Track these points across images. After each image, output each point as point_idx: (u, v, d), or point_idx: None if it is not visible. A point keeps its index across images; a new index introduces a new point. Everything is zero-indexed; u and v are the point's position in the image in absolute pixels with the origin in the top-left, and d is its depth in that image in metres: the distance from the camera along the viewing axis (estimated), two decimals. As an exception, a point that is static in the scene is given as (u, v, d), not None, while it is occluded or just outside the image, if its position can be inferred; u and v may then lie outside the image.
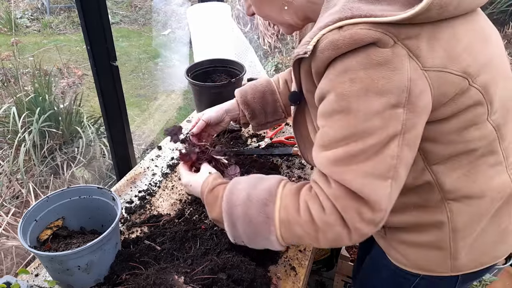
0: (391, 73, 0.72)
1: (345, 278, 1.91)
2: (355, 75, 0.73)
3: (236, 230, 0.93)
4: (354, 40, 0.71)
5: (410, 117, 0.74)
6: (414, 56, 0.73)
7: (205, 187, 1.02)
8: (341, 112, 0.76)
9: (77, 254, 0.98)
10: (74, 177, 2.63)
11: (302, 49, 0.78)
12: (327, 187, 0.79)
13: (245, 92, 1.32)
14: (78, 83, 4.07)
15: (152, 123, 3.72)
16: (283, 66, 4.69)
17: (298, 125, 1.06)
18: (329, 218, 0.78)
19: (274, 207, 0.86)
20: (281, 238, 0.88)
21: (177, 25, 5.50)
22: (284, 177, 0.94)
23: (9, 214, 2.23)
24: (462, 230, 0.92)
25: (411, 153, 0.78)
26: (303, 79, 0.88)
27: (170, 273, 1.00)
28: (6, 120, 2.86)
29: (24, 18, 5.91)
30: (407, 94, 0.73)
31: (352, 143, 0.75)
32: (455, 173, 0.87)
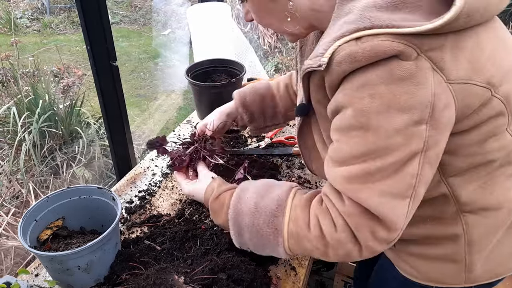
0: (415, 88, 0.67)
1: (345, 278, 1.91)
2: (375, 91, 0.68)
3: (242, 238, 0.91)
4: (376, 53, 0.66)
5: (433, 134, 0.70)
6: (438, 69, 0.68)
7: (209, 195, 0.99)
8: (360, 128, 0.72)
9: (77, 254, 0.97)
10: (74, 177, 2.63)
11: (315, 62, 0.73)
12: (340, 203, 0.76)
13: (244, 94, 1.29)
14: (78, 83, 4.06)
15: (152, 123, 3.72)
16: (283, 66, 4.69)
17: (304, 135, 1.01)
18: (341, 236, 0.76)
19: (283, 219, 0.84)
20: (289, 249, 0.86)
21: (177, 25, 5.50)
22: (294, 184, 0.91)
23: (9, 214, 2.23)
24: (478, 242, 0.88)
25: (431, 170, 0.75)
26: (313, 91, 0.83)
27: (170, 273, 1.00)
28: (6, 120, 2.86)
29: (24, 18, 5.91)
30: (430, 109, 0.69)
31: (370, 161, 0.72)
32: (471, 185, 0.84)
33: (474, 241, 0.88)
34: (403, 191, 0.72)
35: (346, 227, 0.76)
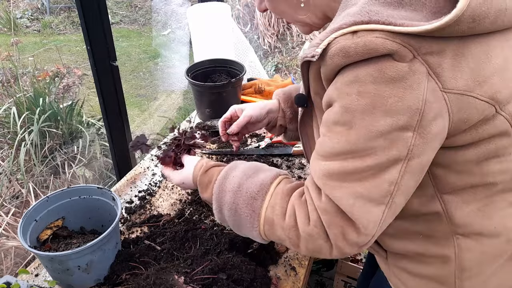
0: (404, 92, 0.64)
1: (345, 278, 1.91)
2: (363, 88, 0.66)
3: (222, 215, 0.91)
4: (368, 50, 0.63)
5: (419, 143, 0.67)
6: (434, 75, 0.64)
7: (198, 170, 0.98)
8: (343, 125, 0.70)
9: (77, 254, 0.97)
10: (74, 177, 2.63)
11: (310, 52, 0.71)
12: (317, 198, 0.75)
13: (289, 90, 1.20)
14: (78, 83, 4.07)
15: (152, 123, 3.73)
16: (283, 66, 4.69)
17: (305, 127, 0.99)
18: (313, 231, 0.75)
19: (262, 203, 0.84)
20: (264, 234, 0.86)
21: (177, 25, 5.50)
22: (282, 172, 0.90)
23: (9, 214, 2.22)
24: (469, 269, 0.83)
25: (413, 181, 0.71)
26: (312, 82, 0.81)
27: (170, 273, 1.00)
28: (6, 120, 2.86)
29: (24, 18, 5.92)
30: (419, 117, 0.65)
31: (350, 159, 0.70)
32: (468, 207, 0.79)
33: (465, 267, 0.83)
34: (379, 197, 0.70)
35: (319, 223, 0.75)
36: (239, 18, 5.08)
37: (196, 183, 0.99)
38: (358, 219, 0.70)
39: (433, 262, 0.86)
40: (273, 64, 4.75)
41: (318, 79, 0.78)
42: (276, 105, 1.18)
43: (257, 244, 1.15)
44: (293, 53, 4.92)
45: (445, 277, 0.85)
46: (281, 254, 1.18)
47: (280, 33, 5.08)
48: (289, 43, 5.02)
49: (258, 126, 1.20)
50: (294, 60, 4.73)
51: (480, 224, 0.80)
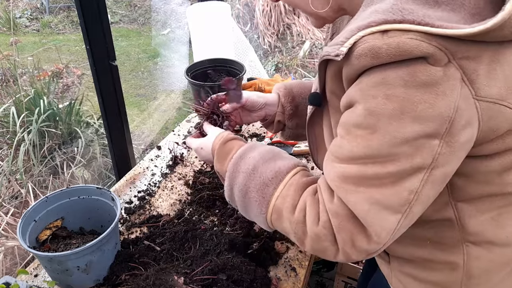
0: (436, 98, 0.60)
1: (346, 278, 1.91)
2: (391, 91, 0.61)
3: (232, 194, 0.88)
4: (400, 52, 0.59)
5: (445, 152, 0.63)
6: (468, 81, 0.61)
7: (218, 140, 0.94)
8: (366, 128, 0.66)
9: (76, 254, 0.97)
10: (73, 177, 2.63)
11: (333, 50, 0.67)
12: (328, 200, 0.72)
13: (290, 86, 1.15)
14: (78, 83, 4.06)
15: (151, 123, 3.72)
16: (283, 65, 4.69)
17: (313, 127, 0.95)
18: (321, 231, 0.72)
19: (274, 191, 0.80)
20: (271, 223, 0.83)
21: (176, 25, 5.50)
22: (301, 163, 0.86)
23: (8, 214, 2.22)
24: (477, 277, 0.82)
25: (434, 191, 0.68)
26: (329, 81, 0.77)
27: (169, 273, 0.99)
28: (5, 120, 2.86)
29: (23, 18, 5.91)
30: (448, 125, 0.61)
31: (370, 164, 0.66)
32: (482, 215, 0.77)
33: (473, 275, 0.82)
34: (396, 205, 0.67)
35: (328, 225, 0.72)
36: (239, 17, 5.08)
37: (214, 153, 0.95)
38: (371, 226, 0.67)
39: (439, 269, 0.84)
40: (273, 63, 4.75)
41: (337, 78, 0.74)
42: (275, 99, 1.13)
43: (257, 244, 1.15)
44: (293, 53, 4.92)
45: (451, 283, 0.84)
46: (281, 255, 1.18)
47: (280, 33, 5.07)
48: (289, 42, 5.02)
49: (253, 116, 1.14)
50: (294, 59, 4.73)
51: (492, 233, 0.79)
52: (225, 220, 1.29)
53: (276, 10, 5.01)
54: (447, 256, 0.82)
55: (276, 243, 1.20)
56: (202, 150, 0.99)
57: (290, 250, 1.20)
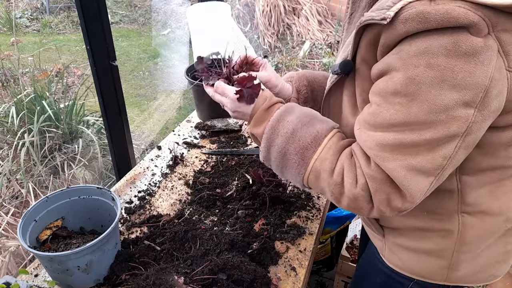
0: (475, 67, 0.63)
1: (345, 278, 1.91)
2: (434, 60, 0.64)
3: (269, 154, 0.90)
4: (448, 18, 0.62)
5: (478, 120, 0.68)
6: (504, 53, 0.65)
7: (261, 103, 0.93)
8: (406, 96, 0.68)
9: (76, 254, 0.97)
10: (73, 177, 2.63)
11: (378, 14, 0.68)
12: (365, 165, 0.76)
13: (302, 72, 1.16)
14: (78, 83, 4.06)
15: (151, 123, 3.72)
16: (283, 65, 4.69)
17: (330, 95, 0.97)
18: (358, 193, 0.76)
19: (313, 154, 0.83)
20: (307, 182, 0.86)
21: (176, 25, 5.50)
22: (336, 125, 0.88)
23: (9, 214, 2.22)
24: (469, 243, 0.88)
25: (464, 155, 0.73)
26: (363, 47, 0.79)
27: (170, 273, 1.00)
28: (5, 120, 2.86)
29: (23, 18, 5.91)
30: (483, 94, 0.65)
31: (407, 132, 0.69)
32: (482, 188, 0.82)
33: (465, 242, 0.87)
34: (431, 170, 0.71)
35: (366, 187, 0.76)
36: (239, 17, 5.08)
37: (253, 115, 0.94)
38: (407, 189, 0.72)
39: (433, 237, 0.89)
40: (273, 63, 4.75)
41: (372, 45, 0.76)
42: (288, 87, 1.13)
43: (257, 244, 1.15)
44: (293, 53, 4.92)
45: (444, 250, 0.89)
46: (281, 255, 1.18)
47: (280, 33, 5.07)
48: (289, 42, 5.02)
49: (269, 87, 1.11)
50: (294, 60, 4.73)
51: (487, 204, 0.83)
52: (225, 220, 1.29)
53: (276, 10, 5.01)
54: (442, 225, 0.87)
55: (276, 243, 1.20)
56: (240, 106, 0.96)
57: (290, 250, 1.20)
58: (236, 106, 0.97)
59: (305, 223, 1.30)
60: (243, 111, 0.97)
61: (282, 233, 1.25)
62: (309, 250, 1.21)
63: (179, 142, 1.75)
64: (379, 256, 1.02)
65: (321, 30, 4.98)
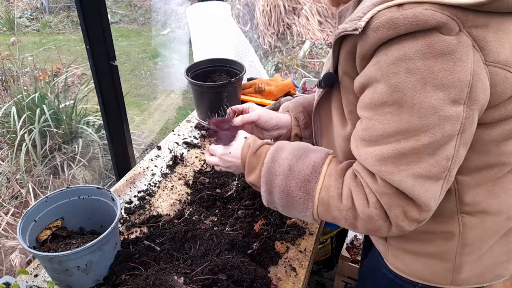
0: (454, 65, 0.65)
1: (346, 278, 1.91)
2: (412, 65, 0.65)
3: (272, 197, 0.90)
4: (417, 21, 0.63)
5: (469, 115, 0.68)
6: (479, 47, 0.66)
7: (246, 151, 0.94)
8: (393, 105, 0.69)
9: (76, 254, 0.97)
10: (73, 177, 2.63)
11: (351, 25, 0.70)
12: (372, 182, 0.75)
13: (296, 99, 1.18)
14: (78, 83, 4.06)
15: (151, 123, 3.72)
16: (283, 65, 4.69)
17: (319, 109, 0.97)
18: (372, 212, 0.75)
19: (316, 185, 0.82)
20: (317, 215, 0.85)
21: (176, 25, 5.50)
22: (330, 151, 0.88)
23: (9, 214, 2.22)
24: (471, 245, 0.87)
25: (465, 150, 0.73)
26: (342, 60, 0.80)
27: (169, 273, 0.99)
28: (5, 120, 2.86)
29: (23, 18, 5.91)
30: (468, 89, 0.66)
31: (403, 140, 0.69)
32: (478, 187, 0.82)
33: (467, 243, 0.87)
34: (437, 174, 0.70)
35: (378, 205, 0.74)
36: (239, 17, 5.08)
37: (244, 162, 0.95)
38: (420, 198, 0.71)
39: (435, 239, 0.88)
40: (273, 63, 4.75)
41: (350, 57, 0.77)
42: (286, 117, 1.15)
43: (257, 244, 1.15)
44: (293, 53, 4.92)
45: (446, 253, 0.88)
46: (281, 255, 1.18)
47: (280, 33, 5.07)
48: (289, 42, 5.02)
49: (265, 135, 1.15)
50: (294, 59, 4.73)
51: (486, 203, 0.83)
52: (225, 220, 1.29)
53: (276, 10, 5.01)
54: (443, 227, 0.86)
55: (276, 243, 1.20)
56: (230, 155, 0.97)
57: (290, 250, 1.20)
58: (225, 161, 0.98)
59: (305, 223, 1.30)
60: (233, 164, 0.97)
61: (282, 233, 1.25)
62: (309, 250, 1.21)
63: (179, 142, 1.75)
64: (382, 261, 1.02)
65: (321, 30, 4.98)
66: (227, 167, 1.00)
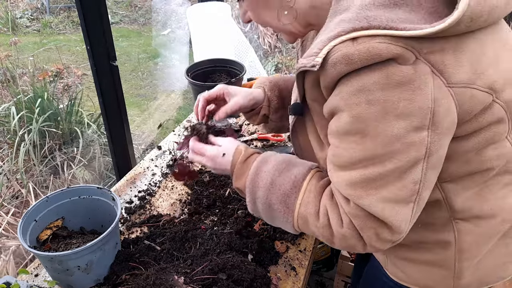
0: (413, 94, 0.65)
1: (345, 278, 1.91)
2: (372, 96, 0.66)
3: (256, 207, 0.91)
4: (371, 55, 0.64)
5: (435, 140, 0.68)
6: (438, 72, 0.66)
7: (237, 157, 0.93)
8: (356, 134, 0.70)
9: (76, 254, 0.97)
10: (74, 177, 2.63)
11: (308, 61, 0.71)
12: (345, 204, 0.76)
13: (275, 80, 1.15)
14: (78, 83, 4.06)
15: (152, 123, 3.72)
16: (283, 65, 4.69)
17: (297, 136, 0.98)
18: (346, 232, 0.76)
19: (295, 200, 0.83)
20: (298, 227, 0.86)
21: (177, 25, 5.50)
22: (314, 165, 0.89)
23: (9, 214, 2.22)
24: (468, 250, 0.87)
25: (434, 174, 0.74)
26: (308, 89, 0.81)
27: (170, 273, 1.00)
28: (5, 120, 2.86)
29: (23, 18, 5.91)
30: (431, 115, 0.66)
31: (370, 166, 0.70)
32: (466, 192, 0.82)
33: (464, 249, 0.86)
34: (406, 197, 0.71)
35: (351, 226, 0.76)
36: (239, 17, 5.08)
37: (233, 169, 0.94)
38: (390, 221, 0.72)
39: (433, 248, 0.89)
40: (273, 64, 4.75)
41: (316, 86, 0.78)
42: (261, 95, 1.12)
43: (257, 244, 1.15)
44: (293, 53, 4.92)
45: (445, 261, 0.88)
46: (281, 255, 1.18)
47: (280, 33, 5.07)
48: (289, 42, 5.01)
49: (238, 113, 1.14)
50: (294, 59, 4.73)
51: (478, 208, 0.83)
52: (225, 220, 1.29)
53: (276, 10, 5.00)
54: (438, 236, 0.87)
55: (276, 243, 1.20)
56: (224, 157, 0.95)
57: (290, 250, 1.20)
58: (215, 163, 0.97)
59: (305, 223, 1.30)
60: (223, 168, 0.97)
61: (282, 233, 1.25)
62: (309, 250, 1.21)
63: (179, 142, 1.75)
64: (382, 269, 1.01)
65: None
66: (214, 168, 0.99)
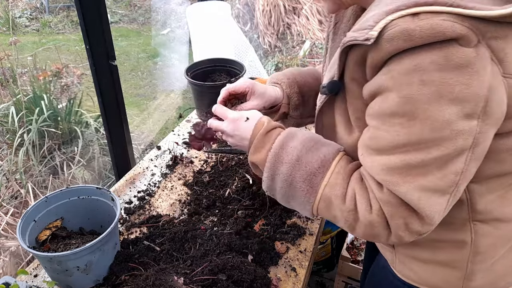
0: (470, 79, 0.62)
1: (346, 279, 1.91)
2: (426, 76, 0.63)
3: (273, 184, 0.87)
4: (434, 33, 0.60)
5: (483, 130, 0.66)
6: (497, 60, 0.64)
7: (260, 128, 0.89)
8: (404, 116, 0.67)
9: (76, 254, 0.97)
10: (73, 177, 2.62)
11: (361, 34, 0.66)
12: (378, 190, 0.73)
13: (292, 75, 1.10)
14: (77, 83, 4.06)
15: (151, 123, 3.72)
16: (283, 65, 4.68)
17: (322, 115, 0.93)
18: (374, 219, 0.73)
19: (321, 180, 0.80)
20: (316, 211, 0.83)
21: (176, 24, 5.49)
22: (342, 148, 0.85)
23: (8, 214, 2.22)
24: (483, 252, 0.84)
25: (475, 167, 0.71)
26: (350, 67, 0.77)
27: (169, 274, 0.99)
28: (4, 120, 2.85)
29: (23, 18, 5.90)
30: (484, 103, 0.64)
31: (413, 152, 0.67)
32: (491, 195, 0.79)
33: (479, 251, 0.84)
34: (445, 188, 0.69)
35: (381, 213, 0.73)
36: (239, 17, 5.07)
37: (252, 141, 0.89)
38: (425, 211, 0.69)
39: (447, 247, 0.86)
40: (273, 63, 4.74)
41: (359, 64, 0.74)
42: (279, 94, 1.08)
43: (257, 244, 1.15)
44: (293, 52, 4.91)
45: (458, 261, 0.86)
46: (281, 255, 1.17)
47: (280, 32, 5.07)
48: (289, 42, 5.01)
49: None
50: (294, 59, 4.72)
51: (499, 210, 0.81)
52: (225, 221, 1.29)
53: (276, 10, 5.01)
54: (454, 235, 0.84)
55: (276, 243, 1.20)
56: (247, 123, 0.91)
57: (290, 250, 1.20)
58: (236, 126, 0.92)
59: (305, 224, 1.30)
60: (241, 135, 0.92)
61: (282, 233, 1.24)
62: (310, 250, 1.20)
63: (179, 142, 1.75)
64: (389, 268, 0.99)
65: (321, 30, 4.98)
66: (233, 134, 0.93)
